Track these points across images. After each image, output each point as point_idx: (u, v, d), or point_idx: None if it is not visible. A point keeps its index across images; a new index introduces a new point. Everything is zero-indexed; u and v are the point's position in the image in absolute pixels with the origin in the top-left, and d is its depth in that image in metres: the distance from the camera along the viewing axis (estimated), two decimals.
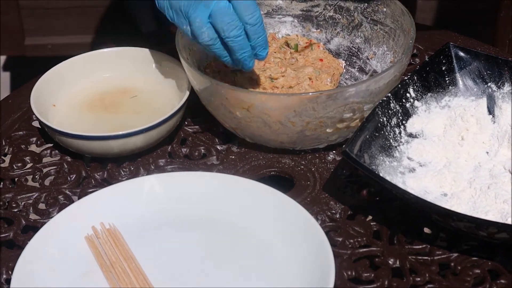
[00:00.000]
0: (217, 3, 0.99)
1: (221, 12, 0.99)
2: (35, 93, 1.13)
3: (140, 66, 1.20)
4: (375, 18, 1.18)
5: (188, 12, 1.00)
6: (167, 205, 1.01)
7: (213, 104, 1.07)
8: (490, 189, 0.98)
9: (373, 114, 1.02)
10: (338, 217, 1.00)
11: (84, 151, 1.09)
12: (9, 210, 1.03)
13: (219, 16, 0.99)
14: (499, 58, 1.09)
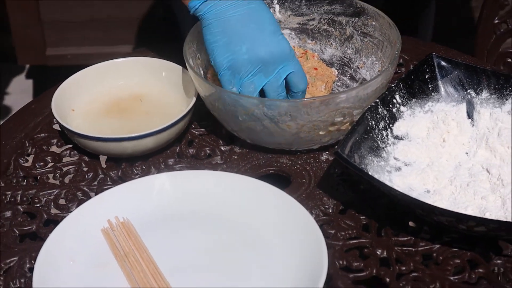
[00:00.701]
0: (275, 76, 1.02)
1: (275, 86, 1.03)
2: (56, 99, 1.13)
3: (151, 74, 1.20)
4: (365, 31, 1.18)
5: (243, 77, 1.02)
6: (176, 201, 1.00)
7: (217, 109, 1.07)
8: (469, 186, 0.98)
9: (363, 118, 1.02)
10: (331, 211, 1.00)
11: (100, 152, 1.09)
12: (32, 205, 1.03)
13: (271, 88, 1.03)
14: (477, 67, 1.09)
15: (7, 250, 0.97)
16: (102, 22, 2.38)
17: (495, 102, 1.08)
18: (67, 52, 2.41)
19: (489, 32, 1.53)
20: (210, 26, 1.02)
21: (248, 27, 1.01)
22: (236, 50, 1.02)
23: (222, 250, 0.95)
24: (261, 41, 1.02)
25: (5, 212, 1.02)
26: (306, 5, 1.21)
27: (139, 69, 1.20)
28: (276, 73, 1.03)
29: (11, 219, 1.01)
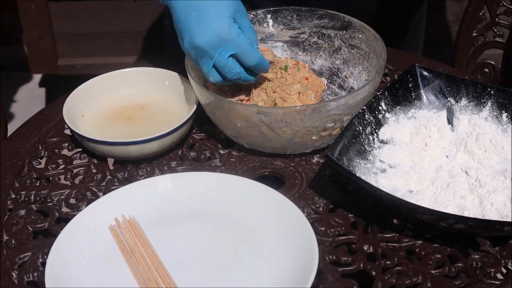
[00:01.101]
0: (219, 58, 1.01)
1: (221, 65, 1.02)
2: (67, 106, 1.13)
3: (155, 83, 1.19)
4: (352, 43, 1.18)
5: (197, 61, 1.03)
6: (178, 200, 1.00)
7: (216, 116, 1.07)
8: (449, 187, 0.98)
9: (351, 124, 1.02)
10: (321, 210, 1.01)
11: (108, 155, 1.09)
12: (44, 204, 1.03)
13: (220, 68, 1.03)
14: (457, 77, 1.10)
15: (21, 246, 0.97)
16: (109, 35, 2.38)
17: (473, 109, 1.08)
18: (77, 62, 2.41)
19: (468, 44, 1.53)
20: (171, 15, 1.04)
21: (190, 15, 1.01)
22: (182, 39, 1.02)
23: (221, 245, 0.95)
24: (198, 30, 1.00)
25: (20, 211, 1.02)
26: (297, 20, 1.21)
27: (144, 78, 1.20)
28: (218, 55, 1.02)
29: (25, 217, 1.01)
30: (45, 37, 2.35)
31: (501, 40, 1.52)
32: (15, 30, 2.74)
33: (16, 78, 2.73)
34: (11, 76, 2.73)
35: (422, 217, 0.92)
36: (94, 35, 2.38)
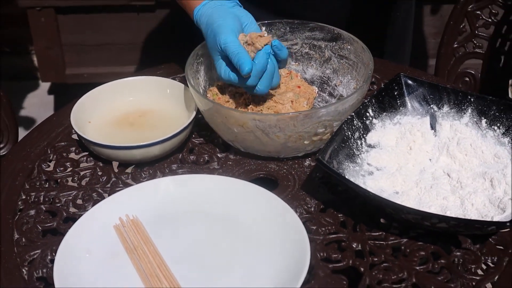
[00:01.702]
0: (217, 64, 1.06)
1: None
2: (74, 112, 1.12)
3: (157, 91, 1.19)
4: (341, 54, 1.18)
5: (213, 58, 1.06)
6: (179, 201, 1.00)
7: (214, 122, 1.06)
8: (433, 188, 0.98)
9: (340, 129, 1.02)
10: (313, 210, 1.00)
11: (113, 158, 1.08)
12: (53, 204, 1.03)
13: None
14: (439, 85, 1.10)
15: (31, 244, 0.96)
16: (114, 46, 2.38)
17: (455, 115, 1.08)
18: (84, 72, 2.40)
19: (449, 55, 1.54)
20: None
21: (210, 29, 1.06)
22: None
23: (218, 243, 0.94)
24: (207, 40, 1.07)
25: (30, 211, 1.01)
26: (290, 32, 1.20)
27: (146, 86, 1.20)
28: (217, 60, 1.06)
29: (34, 217, 1.01)
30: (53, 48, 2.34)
31: (480, 51, 1.53)
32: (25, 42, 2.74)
33: (26, 87, 2.73)
34: (21, 84, 2.72)
35: (407, 217, 0.92)
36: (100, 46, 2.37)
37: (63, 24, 2.31)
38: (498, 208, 0.93)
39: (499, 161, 1.01)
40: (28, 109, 2.61)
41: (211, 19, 1.06)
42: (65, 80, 2.42)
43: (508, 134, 1.03)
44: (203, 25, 1.08)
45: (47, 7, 2.25)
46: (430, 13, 2.30)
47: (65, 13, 2.29)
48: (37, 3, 2.24)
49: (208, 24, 1.06)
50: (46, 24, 2.29)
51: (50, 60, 2.37)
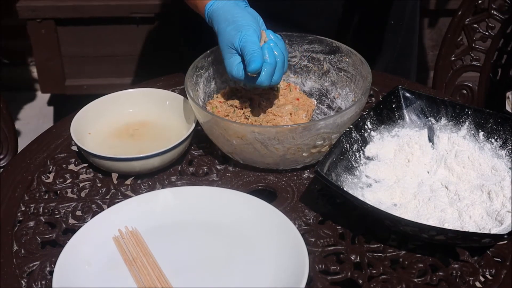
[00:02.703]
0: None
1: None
2: (74, 123, 1.12)
3: (156, 103, 1.19)
4: (340, 67, 1.18)
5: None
6: (178, 212, 1.00)
7: (214, 134, 1.06)
8: (430, 200, 0.98)
9: (339, 141, 1.02)
10: (311, 222, 1.00)
11: (113, 170, 1.09)
12: (52, 216, 1.03)
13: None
14: (437, 98, 1.10)
15: (30, 255, 0.96)
16: (114, 57, 2.38)
17: (452, 128, 1.08)
18: (83, 83, 2.40)
19: (447, 68, 1.54)
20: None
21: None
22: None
23: (217, 255, 0.94)
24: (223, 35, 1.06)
25: (29, 222, 1.01)
26: (289, 45, 1.21)
27: (146, 98, 1.20)
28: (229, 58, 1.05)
29: (34, 228, 1.00)
30: (53, 59, 2.35)
31: (477, 64, 1.53)
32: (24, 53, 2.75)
33: (26, 98, 2.73)
34: (21, 96, 2.72)
35: (405, 229, 0.92)
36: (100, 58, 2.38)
37: (63, 35, 2.32)
38: (496, 221, 0.93)
39: (497, 174, 1.01)
40: (28, 121, 2.61)
41: (230, 16, 1.05)
42: (64, 91, 2.42)
43: (505, 146, 1.04)
44: (217, 20, 1.06)
45: (47, 19, 2.26)
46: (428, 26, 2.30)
47: (65, 25, 2.29)
48: (37, 15, 2.25)
49: (228, 21, 1.05)
50: (46, 36, 2.30)
51: (50, 72, 2.37)
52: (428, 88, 1.30)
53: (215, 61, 1.16)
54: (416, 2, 1.44)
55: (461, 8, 1.50)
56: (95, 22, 2.30)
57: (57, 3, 2.26)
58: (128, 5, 2.26)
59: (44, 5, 2.24)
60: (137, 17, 2.28)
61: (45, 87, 2.43)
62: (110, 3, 2.26)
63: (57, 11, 2.25)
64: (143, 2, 2.27)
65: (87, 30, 2.31)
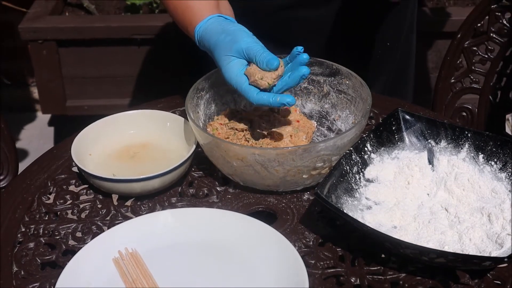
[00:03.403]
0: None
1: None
2: (75, 145, 1.13)
3: (157, 125, 1.20)
4: (340, 89, 1.19)
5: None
6: (178, 234, 1.00)
7: (214, 155, 1.07)
8: (430, 223, 0.98)
9: (339, 163, 1.03)
10: (311, 244, 1.00)
11: (113, 191, 1.09)
12: (52, 237, 1.03)
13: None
14: (437, 121, 1.10)
15: (30, 277, 0.96)
16: (114, 78, 2.39)
17: (452, 150, 1.08)
18: (84, 104, 2.41)
19: (446, 90, 1.55)
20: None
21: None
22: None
23: (217, 277, 0.94)
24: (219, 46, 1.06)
25: (29, 244, 1.01)
26: None
27: (147, 119, 1.20)
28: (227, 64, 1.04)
29: (34, 250, 1.00)
30: (54, 80, 2.36)
31: (477, 86, 1.54)
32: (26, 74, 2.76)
33: (26, 119, 2.74)
34: (22, 116, 2.73)
35: (405, 251, 0.92)
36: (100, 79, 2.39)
37: (64, 56, 2.33)
38: (496, 243, 0.94)
39: (496, 196, 1.01)
40: (28, 141, 2.62)
41: (225, 28, 1.05)
42: (65, 112, 2.43)
43: (505, 169, 1.04)
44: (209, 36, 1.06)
45: (49, 40, 2.27)
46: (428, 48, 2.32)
47: (66, 46, 2.31)
48: (39, 36, 2.26)
49: (224, 33, 1.05)
50: (48, 57, 2.31)
51: (51, 92, 2.38)
52: (427, 110, 1.30)
53: (216, 83, 1.17)
54: (413, 23, 1.45)
55: (460, 31, 1.51)
56: (96, 44, 2.31)
57: (59, 25, 2.27)
58: (129, 26, 2.28)
59: (46, 27, 2.26)
60: (138, 38, 2.29)
61: (46, 108, 2.44)
62: (111, 25, 2.28)
63: (59, 32, 2.27)
64: (144, 24, 2.29)
65: (89, 51, 2.33)
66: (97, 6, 2.46)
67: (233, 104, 1.20)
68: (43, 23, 2.27)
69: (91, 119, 1.19)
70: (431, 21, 2.25)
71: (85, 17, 2.41)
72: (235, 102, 1.20)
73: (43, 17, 2.29)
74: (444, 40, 2.28)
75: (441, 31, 2.25)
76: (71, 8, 2.47)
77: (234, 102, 1.20)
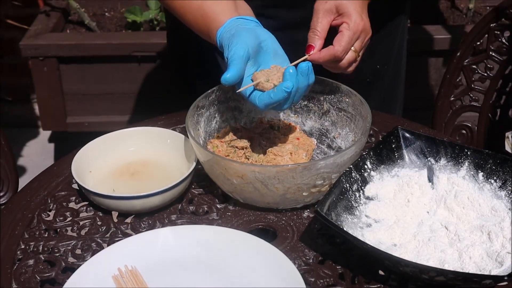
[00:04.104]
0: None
1: None
2: (75, 161, 1.13)
3: (157, 142, 1.20)
4: (340, 107, 1.19)
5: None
6: (178, 251, 1.00)
7: (214, 173, 1.07)
8: (430, 241, 0.98)
9: (339, 181, 1.03)
10: (311, 262, 1.00)
11: (113, 208, 1.09)
12: (52, 254, 1.03)
13: None
14: (436, 139, 1.11)
15: None
16: (115, 95, 2.40)
17: (452, 168, 1.09)
18: (84, 120, 2.42)
19: (446, 108, 1.55)
20: None
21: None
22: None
23: None
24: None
25: (28, 261, 1.01)
26: None
27: (148, 137, 1.21)
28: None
29: (33, 267, 1.00)
30: (55, 97, 2.37)
31: (477, 104, 1.54)
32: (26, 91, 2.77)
33: (27, 135, 2.74)
34: (22, 133, 2.74)
35: (405, 269, 0.92)
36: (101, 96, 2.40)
37: (65, 73, 2.34)
38: (496, 262, 0.93)
39: (496, 214, 1.01)
40: (29, 157, 2.62)
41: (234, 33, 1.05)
42: (66, 128, 2.43)
43: (504, 187, 1.04)
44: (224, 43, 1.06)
45: (49, 57, 2.28)
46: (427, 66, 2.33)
47: (67, 63, 2.32)
48: (40, 53, 2.27)
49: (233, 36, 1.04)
50: (49, 74, 2.32)
51: (52, 109, 2.39)
52: (427, 128, 1.31)
53: (216, 100, 1.17)
54: (402, 46, 1.45)
55: (460, 49, 1.52)
56: (97, 61, 2.32)
57: (60, 42, 2.28)
58: (129, 44, 2.29)
59: (47, 44, 2.27)
60: (138, 56, 2.30)
61: (46, 124, 2.44)
62: (112, 42, 2.29)
63: (60, 49, 2.28)
64: (144, 41, 2.30)
65: (89, 68, 2.34)
66: (98, 23, 2.47)
67: (234, 121, 1.20)
68: (44, 40, 2.28)
69: (91, 135, 1.20)
70: (430, 39, 2.26)
71: (86, 34, 2.42)
72: (235, 119, 1.21)
73: (44, 34, 2.31)
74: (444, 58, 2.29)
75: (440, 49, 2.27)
76: (72, 25, 2.48)
77: (234, 119, 1.21)
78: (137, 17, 2.42)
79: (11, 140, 1.44)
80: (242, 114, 1.21)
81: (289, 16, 1.27)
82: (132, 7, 2.42)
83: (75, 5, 2.39)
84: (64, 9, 2.49)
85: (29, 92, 2.79)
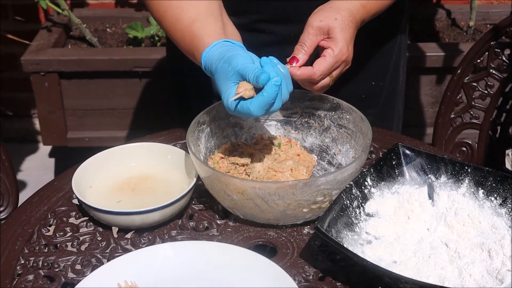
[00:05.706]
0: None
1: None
2: (76, 176, 1.13)
3: (158, 157, 1.20)
4: (340, 123, 1.20)
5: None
6: (178, 267, 1.00)
7: (214, 189, 1.07)
8: (431, 258, 0.98)
9: (339, 198, 1.03)
10: (311, 278, 1.00)
11: (113, 224, 1.09)
12: (51, 269, 1.03)
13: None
14: (437, 156, 1.11)
15: None
16: (116, 110, 2.40)
17: (452, 185, 1.09)
18: (85, 135, 2.42)
19: (446, 125, 1.56)
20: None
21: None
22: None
23: None
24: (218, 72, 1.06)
25: (28, 276, 1.01)
26: (290, 101, 1.20)
27: (148, 152, 1.21)
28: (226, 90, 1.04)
29: (33, 282, 1.00)
30: (56, 112, 2.37)
31: (477, 121, 1.55)
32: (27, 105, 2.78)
33: (27, 150, 2.75)
34: (22, 147, 2.74)
35: (405, 286, 0.92)
36: (102, 111, 2.40)
37: (66, 88, 2.35)
38: (496, 279, 0.93)
39: (496, 232, 1.01)
40: (29, 172, 2.62)
41: (222, 54, 1.06)
42: (66, 143, 2.43)
43: (505, 205, 1.04)
44: (211, 62, 1.07)
45: (51, 72, 2.29)
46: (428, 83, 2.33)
47: (68, 78, 2.32)
48: (41, 68, 2.28)
49: (222, 58, 1.05)
50: (50, 89, 2.32)
51: (52, 124, 2.39)
52: (428, 145, 1.31)
53: (217, 116, 1.18)
54: (399, 61, 1.46)
55: (460, 67, 1.52)
56: (98, 76, 2.33)
57: (61, 57, 2.29)
58: (131, 59, 2.30)
59: (48, 59, 2.28)
60: (139, 71, 2.31)
61: (47, 139, 2.44)
62: (113, 57, 2.30)
63: (61, 64, 2.29)
64: (145, 57, 2.31)
65: (90, 84, 2.34)
66: (99, 39, 2.49)
67: (234, 137, 1.21)
68: (45, 56, 2.29)
69: (92, 151, 1.20)
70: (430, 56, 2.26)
71: (87, 49, 2.43)
72: (236, 135, 1.21)
73: (45, 50, 2.32)
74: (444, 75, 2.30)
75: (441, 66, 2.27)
76: (74, 41, 2.49)
77: (235, 135, 1.21)
78: (139, 33, 2.43)
79: (12, 155, 1.44)
80: (243, 130, 1.22)
81: (282, 31, 1.28)
82: (134, 23, 2.43)
83: (76, 20, 2.40)
84: (65, 25, 2.50)
85: (30, 107, 2.79)
